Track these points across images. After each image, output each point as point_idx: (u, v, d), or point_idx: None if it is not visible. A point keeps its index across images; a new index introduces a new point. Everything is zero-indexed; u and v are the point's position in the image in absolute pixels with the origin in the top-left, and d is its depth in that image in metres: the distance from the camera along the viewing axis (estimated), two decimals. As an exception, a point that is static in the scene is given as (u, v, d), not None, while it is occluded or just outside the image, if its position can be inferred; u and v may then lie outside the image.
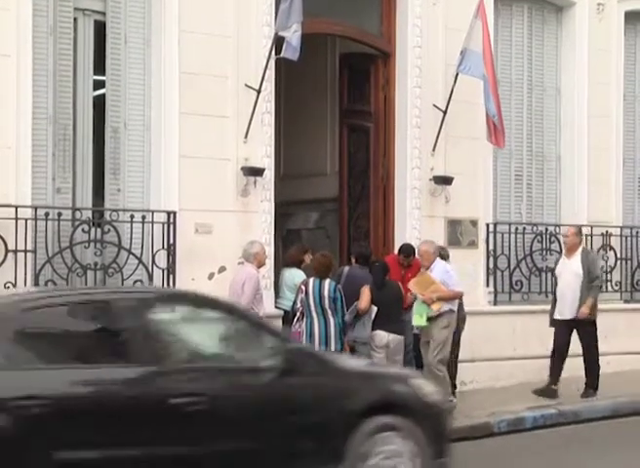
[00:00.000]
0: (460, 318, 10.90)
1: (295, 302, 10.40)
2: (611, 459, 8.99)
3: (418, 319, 10.26)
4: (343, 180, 12.95)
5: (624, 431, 10.40)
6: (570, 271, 11.38)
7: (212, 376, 6.67)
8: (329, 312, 10.20)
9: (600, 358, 11.58)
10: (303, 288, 10.28)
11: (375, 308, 10.44)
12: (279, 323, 10.79)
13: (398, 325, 10.49)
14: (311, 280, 10.33)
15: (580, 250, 11.51)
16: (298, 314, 10.30)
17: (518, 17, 13.31)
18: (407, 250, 11.15)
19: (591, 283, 11.27)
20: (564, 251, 11.80)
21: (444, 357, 10.33)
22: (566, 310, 11.35)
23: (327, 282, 10.29)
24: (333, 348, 10.19)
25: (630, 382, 12.03)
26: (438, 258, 10.45)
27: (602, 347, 12.76)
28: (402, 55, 12.09)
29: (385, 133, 12.24)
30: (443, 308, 10.28)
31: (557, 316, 11.44)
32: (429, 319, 10.29)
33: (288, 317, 10.81)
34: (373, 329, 10.40)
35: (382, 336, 10.37)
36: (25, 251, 9.49)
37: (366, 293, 10.42)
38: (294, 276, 11.10)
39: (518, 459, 9.25)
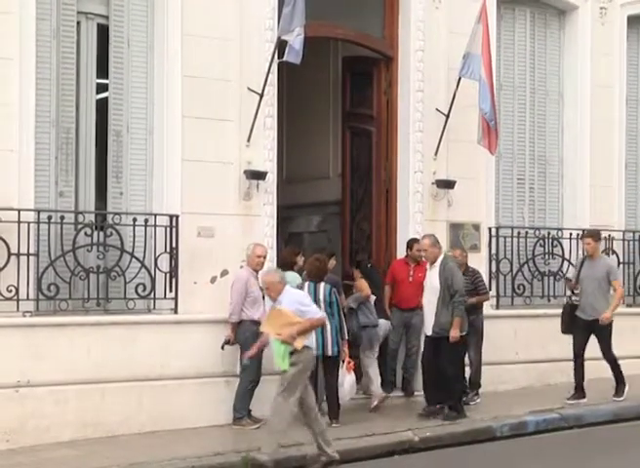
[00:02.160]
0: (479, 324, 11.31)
1: None
2: (613, 463, 8.98)
3: (280, 363, 8.81)
4: (346, 184, 12.96)
5: (627, 435, 10.39)
6: (428, 283, 10.66)
7: None
8: (325, 316, 10.19)
9: (603, 362, 11.57)
10: None
11: (373, 297, 11.22)
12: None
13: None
14: (306, 283, 10.37)
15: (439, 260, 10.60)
16: None
17: (521, 21, 13.32)
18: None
19: (452, 298, 10.39)
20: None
21: (288, 397, 8.73)
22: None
23: (322, 285, 10.33)
24: (330, 352, 10.24)
25: (633, 386, 11.99)
26: (287, 287, 9.02)
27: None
28: (405, 58, 12.09)
29: (388, 136, 12.25)
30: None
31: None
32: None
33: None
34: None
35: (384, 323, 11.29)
36: (28, 254, 9.49)
37: (364, 283, 11.14)
38: (289, 280, 11.07)
39: (520, 464, 9.25)
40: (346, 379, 10.37)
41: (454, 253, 11.56)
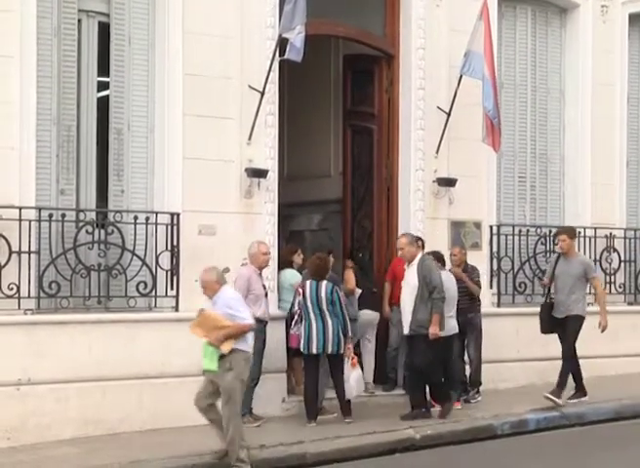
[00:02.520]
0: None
1: (292, 305, 10.42)
2: (614, 461, 8.98)
3: (207, 363, 8.74)
4: (347, 182, 12.96)
5: (628, 433, 10.38)
6: (406, 282, 10.53)
7: None
8: (327, 314, 10.26)
9: (604, 360, 11.58)
10: (301, 290, 10.36)
11: (359, 290, 11.42)
12: (282, 324, 10.82)
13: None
14: (308, 282, 10.38)
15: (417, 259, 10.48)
16: (296, 317, 10.35)
17: (522, 18, 13.31)
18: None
19: (430, 295, 10.25)
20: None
21: (233, 406, 8.65)
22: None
23: (324, 283, 10.34)
24: (330, 350, 10.27)
25: (634, 385, 12.01)
26: (225, 287, 8.86)
27: (606, 349, 12.80)
28: (406, 56, 12.09)
29: (389, 134, 12.24)
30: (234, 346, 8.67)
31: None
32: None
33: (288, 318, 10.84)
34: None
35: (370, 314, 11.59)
36: (29, 252, 9.50)
37: (351, 274, 11.33)
38: (287, 277, 11.12)
39: (521, 462, 9.24)
40: (352, 375, 10.37)
41: (452, 251, 11.57)
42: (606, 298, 11.52)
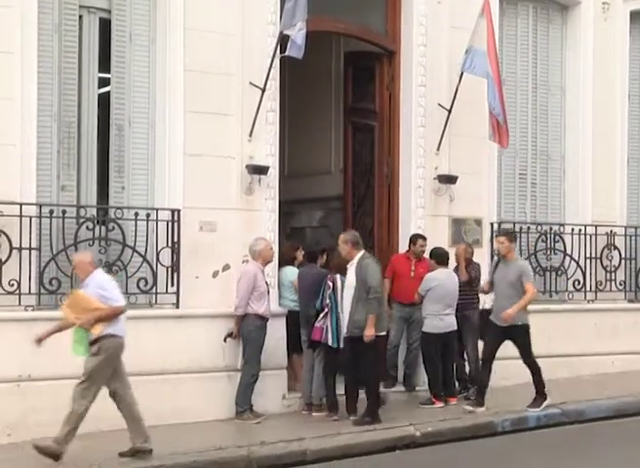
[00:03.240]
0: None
1: (322, 298, 10.43)
2: (614, 459, 8.97)
3: (77, 348, 8.49)
4: (348, 179, 12.96)
5: (628, 431, 10.38)
6: (346, 283, 10.28)
7: None
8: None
9: (605, 357, 11.56)
10: (331, 284, 10.39)
11: None
12: (282, 321, 10.82)
13: None
14: (338, 276, 10.43)
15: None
16: (326, 309, 10.35)
17: (523, 16, 13.30)
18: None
19: (367, 295, 9.99)
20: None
21: (87, 390, 8.46)
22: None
23: (338, 278, 10.38)
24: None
25: (635, 382, 12.01)
26: (98, 271, 8.68)
27: (606, 347, 12.81)
28: (407, 53, 12.08)
29: (390, 131, 12.24)
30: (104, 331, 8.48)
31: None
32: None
33: (292, 316, 10.85)
34: None
35: None
36: (30, 248, 9.50)
37: None
38: (288, 274, 11.13)
39: (521, 459, 9.24)
40: None
41: (458, 248, 11.56)
42: (528, 303, 10.59)
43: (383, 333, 10.24)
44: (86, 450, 8.79)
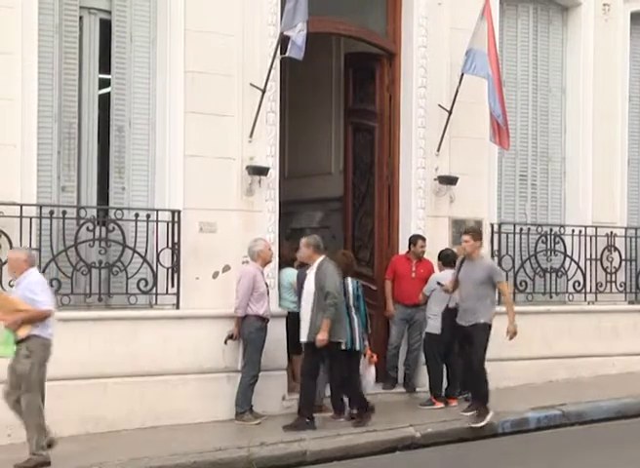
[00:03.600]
0: None
1: None
2: (615, 460, 8.97)
3: (2, 348, 8.36)
4: (348, 180, 12.95)
5: (629, 432, 10.39)
6: (305, 287, 10.07)
7: None
8: (353, 310, 10.34)
9: (605, 359, 11.55)
10: None
11: None
12: (282, 322, 10.82)
13: None
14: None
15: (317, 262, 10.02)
16: None
17: (523, 17, 13.30)
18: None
19: (325, 301, 9.79)
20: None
21: (30, 400, 8.40)
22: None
23: (349, 280, 10.43)
24: (357, 346, 10.32)
25: (635, 383, 12.00)
26: (32, 270, 8.47)
27: (607, 348, 12.81)
28: (407, 54, 12.08)
29: (390, 132, 12.23)
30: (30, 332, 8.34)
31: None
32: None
33: (291, 317, 10.84)
34: None
35: None
36: (30, 249, 9.48)
37: None
38: (287, 275, 11.13)
39: (522, 460, 9.23)
40: (370, 372, 10.51)
41: (459, 249, 11.52)
42: (513, 305, 10.46)
43: (341, 341, 9.96)
44: (80, 454, 8.79)
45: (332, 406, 10.50)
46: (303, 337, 9.98)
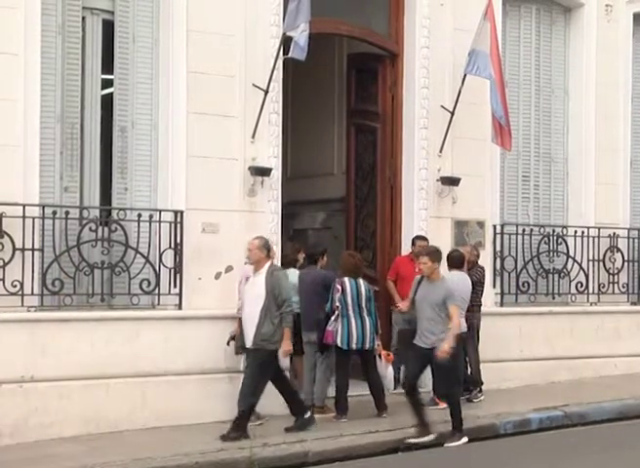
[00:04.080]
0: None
1: (332, 301, 10.49)
2: (617, 461, 8.96)
3: None
4: (350, 181, 12.95)
5: (631, 433, 10.38)
6: (250, 291, 9.75)
7: None
8: (364, 311, 10.46)
9: (607, 360, 11.54)
10: (339, 287, 10.45)
11: None
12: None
13: None
14: (346, 279, 10.50)
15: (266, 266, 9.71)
16: (336, 312, 10.42)
17: (526, 18, 13.30)
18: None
19: (279, 309, 9.56)
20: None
21: None
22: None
23: (361, 281, 10.54)
24: (367, 346, 10.44)
25: (637, 384, 11.99)
26: None
27: (609, 349, 12.80)
28: (410, 55, 12.08)
29: (393, 133, 12.24)
30: None
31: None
32: None
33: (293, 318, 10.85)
34: None
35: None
36: (33, 249, 9.50)
37: None
38: (290, 276, 11.10)
39: (524, 461, 9.23)
40: (389, 371, 10.60)
41: (464, 250, 11.52)
42: (456, 331, 9.66)
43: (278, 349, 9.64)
44: (82, 454, 8.80)
45: (334, 406, 10.51)
46: (248, 343, 9.70)
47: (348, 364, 10.52)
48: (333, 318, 10.40)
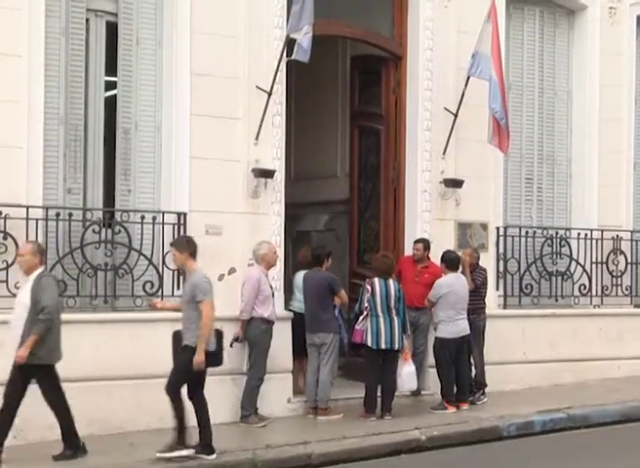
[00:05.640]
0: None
1: (361, 301, 10.61)
2: (620, 464, 8.96)
3: None
4: (354, 183, 12.95)
5: (634, 436, 10.37)
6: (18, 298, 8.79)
7: None
8: (393, 311, 10.58)
9: (611, 362, 11.52)
10: (369, 287, 10.57)
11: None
12: (288, 325, 10.82)
13: None
14: (376, 280, 10.62)
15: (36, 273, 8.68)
16: (365, 312, 10.55)
17: (530, 20, 13.30)
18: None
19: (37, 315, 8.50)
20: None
21: None
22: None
23: (391, 281, 10.66)
24: (396, 346, 10.58)
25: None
26: None
27: (612, 352, 12.78)
28: (413, 57, 12.08)
29: (396, 135, 12.24)
30: None
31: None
32: None
33: (297, 319, 10.86)
34: None
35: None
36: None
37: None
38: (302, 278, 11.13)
39: (527, 463, 9.24)
40: (404, 369, 10.72)
41: (464, 253, 11.53)
42: (207, 331, 8.76)
43: (44, 364, 8.58)
44: (92, 453, 8.80)
45: (363, 404, 10.61)
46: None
47: (378, 363, 10.62)
48: (361, 317, 10.56)
